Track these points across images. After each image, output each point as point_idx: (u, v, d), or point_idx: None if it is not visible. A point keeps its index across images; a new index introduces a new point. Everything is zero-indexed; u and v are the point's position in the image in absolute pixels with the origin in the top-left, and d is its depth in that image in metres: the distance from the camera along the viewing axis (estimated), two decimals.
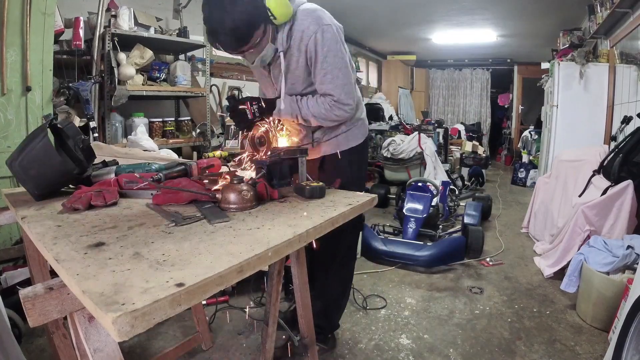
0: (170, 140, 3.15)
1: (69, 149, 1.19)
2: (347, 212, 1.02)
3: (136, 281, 0.57)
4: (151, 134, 3.02)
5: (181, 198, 1.02)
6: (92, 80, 2.54)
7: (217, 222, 0.87)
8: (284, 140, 1.47)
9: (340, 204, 1.06)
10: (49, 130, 1.08)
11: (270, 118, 1.41)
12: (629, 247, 1.92)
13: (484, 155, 6.02)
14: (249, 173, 1.30)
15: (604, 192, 2.35)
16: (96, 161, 1.26)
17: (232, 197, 0.99)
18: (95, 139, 2.55)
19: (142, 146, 2.59)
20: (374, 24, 5.78)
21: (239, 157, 1.44)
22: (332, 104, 1.36)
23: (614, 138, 3.26)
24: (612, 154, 2.55)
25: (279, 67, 1.36)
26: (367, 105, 6.91)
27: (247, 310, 2.01)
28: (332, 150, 1.53)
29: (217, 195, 1.02)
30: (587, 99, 3.58)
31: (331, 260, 1.64)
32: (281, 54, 1.33)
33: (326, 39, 1.29)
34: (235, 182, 1.02)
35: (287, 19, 1.27)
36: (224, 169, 1.32)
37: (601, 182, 2.51)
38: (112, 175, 1.19)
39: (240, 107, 1.35)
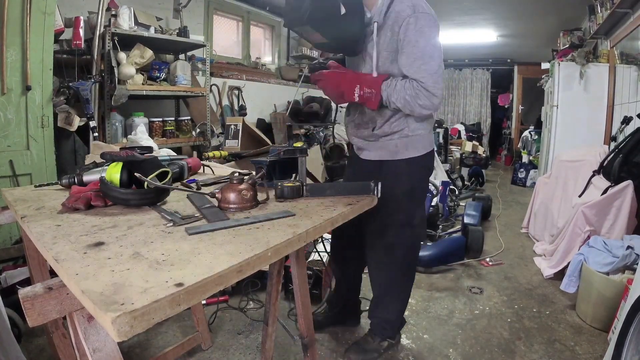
0: (170, 140, 3.15)
1: None
2: (347, 212, 1.02)
3: (135, 281, 0.57)
4: (151, 134, 3.02)
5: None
6: (92, 80, 2.54)
7: (214, 221, 0.87)
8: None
9: (340, 204, 1.06)
10: None
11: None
12: (628, 247, 1.92)
13: (483, 155, 6.02)
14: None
15: (604, 193, 2.35)
16: (88, 162, 1.26)
17: (231, 197, 0.98)
18: (95, 138, 2.55)
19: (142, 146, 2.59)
20: None
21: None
22: (419, 89, 1.31)
23: (614, 138, 3.26)
24: (612, 154, 2.55)
25: (372, 41, 1.36)
26: None
27: (247, 310, 2.01)
28: (390, 156, 1.50)
29: (216, 195, 1.02)
30: (587, 99, 3.58)
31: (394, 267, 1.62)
32: (375, 25, 1.33)
33: (420, 24, 1.29)
34: (235, 181, 1.01)
35: None
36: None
37: (601, 182, 2.51)
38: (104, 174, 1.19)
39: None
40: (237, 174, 1.05)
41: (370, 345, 1.66)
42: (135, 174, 0.97)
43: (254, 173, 1.19)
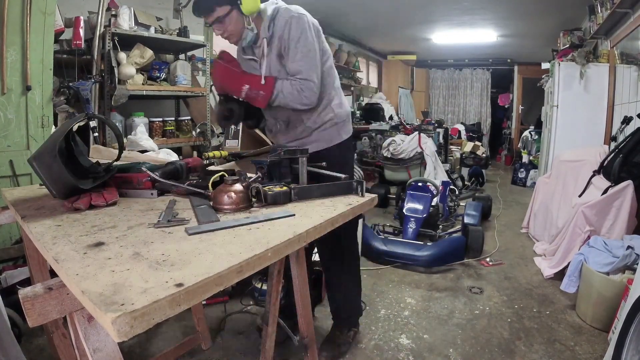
0: (170, 140, 3.15)
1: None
2: (347, 212, 1.02)
3: (136, 281, 0.57)
4: (151, 134, 3.02)
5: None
6: (92, 80, 2.54)
7: (204, 222, 0.87)
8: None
9: (340, 204, 1.06)
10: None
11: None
12: (628, 247, 1.92)
13: (483, 155, 6.02)
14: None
15: (604, 193, 2.35)
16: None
17: (225, 197, 0.98)
18: (95, 138, 2.55)
19: (142, 146, 2.59)
20: (374, 24, 5.78)
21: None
22: (301, 82, 1.44)
23: (614, 138, 3.26)
24: (612, 154, 2.55)
25: (263, 53, 1.49)
26: (367, 105, 6.94)
27: (247, 309, 2.01)
28: (326, 144, 1.60)
29: (209, 194, 1.02)
30: (587, 99, 3.58)
31: (335, 262, 1.73)
32: (264, 41, 1.46)
33: (299, 24, 1.42)
34: (229, 182, 1.01)
35: (254, 10, 1.42)
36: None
37: (601, 182, 2.51)
38: None
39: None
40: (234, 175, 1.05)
41: (340, 339, 1.75)
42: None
43: (247, 174, 1.18)
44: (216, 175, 1.10)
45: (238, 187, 1.01)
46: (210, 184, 1.07)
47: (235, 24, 1.47)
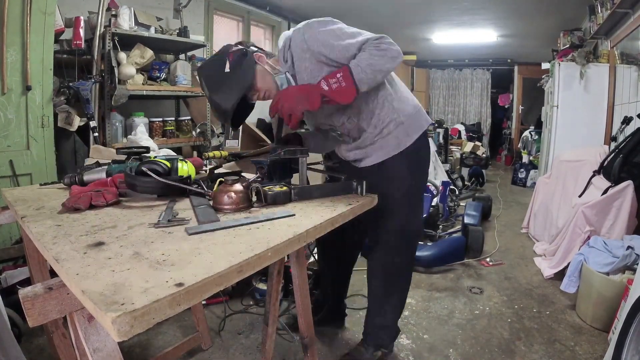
0: (170, 140, 3.15)
1: None
2: (347, 212, 1.02)
3: (136, 281, 0.57)
4: (151, 134, 3.02)
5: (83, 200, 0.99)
6: (93, 80, 2.54)
7: (204, 222, 0.87)
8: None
9: (340, 204, 1.06)
10: None
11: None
12: (628, 247, 1.92)
13: (483, 155, 6.01)
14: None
15: (604, 193, 2.35)
16: (90, 162, 1.27)
17: (225, 197, 0.98)
18: (95, 138, 2.55)
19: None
20: (374, 24, 5.77)
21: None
22: (374, 42, 1.21)
23: (614, 138, 3.26)
24: (612, 154, 2.55)
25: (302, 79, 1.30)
26: None
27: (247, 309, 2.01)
28: (383, 157, 1.40)
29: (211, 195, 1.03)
30: (587, 99, 3.58)
31: (388, 276, 1.56)
32: (287, 74, 1.30)
33: (315, 24, 1.26)
34: (229, 182, 1.01)
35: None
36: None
37: (601, 182, 2.51)
38: (103, 175, 1.19)
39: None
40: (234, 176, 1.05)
41: (364, 356, 1.59)
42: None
43: (246, 175, 1.18)
44: (219, 179, 1.10)
45: (238, 187, 1.01)
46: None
47: (264, 80, 1.29)
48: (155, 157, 1.24)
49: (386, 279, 1.55)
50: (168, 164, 1.11)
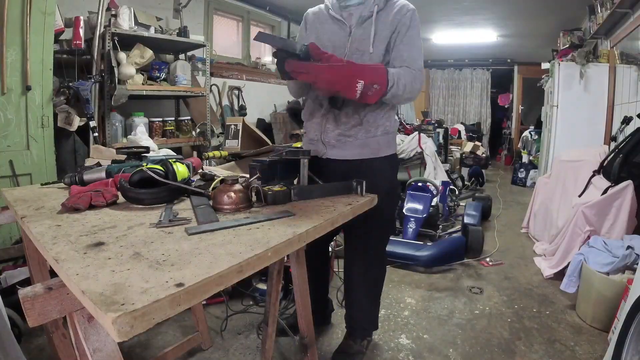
0: (170, 140, 3.15)
1: None
2: (347, 212, 1.02)
3: (136, 281, 0.57)
4: (151, 134, 3.02)
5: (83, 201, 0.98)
6: (92, 80, 2.54)
7: (204, 222, 0.87)
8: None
9: (340, 204, 1.06)
10: None
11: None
12: (628, 247, 1.92)
13: (483, 155, 6.02)
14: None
15: (604, 193, 2.35)
16: (91, 163, 1.26)
17: (225, 197, 0.98)
18: (95, 138, 2.55)
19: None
20: None
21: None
22: (415, 73, 1.31)
23: (614, 138, 3.26)
24: (612, 154, 2.55)
25: (368, 27, 1.35)
26: None
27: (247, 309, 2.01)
28: (372, 153, 1.45)
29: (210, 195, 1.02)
30: (587, 99, 3.58)
31: (359, 267, 1.61)
32: (375, 8, 1.34)
33: (416, 20, 1.36)
34: (229, 182, 1.01)
35: None
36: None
37: (601, 182, 2.51)
38: (103, 174, 1.19)
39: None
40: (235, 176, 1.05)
41: (353, 348, 1.65)
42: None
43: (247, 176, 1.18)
44: (217, 180, 1.09)
45: (238, 187, 1.01)
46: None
47: None
48: (147, 164, 1.19)
49: (366, 273, 1.61)
50: (162, 168, 1.10)
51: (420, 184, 3.42)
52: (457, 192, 4.24)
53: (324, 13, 1.45)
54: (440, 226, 3.29)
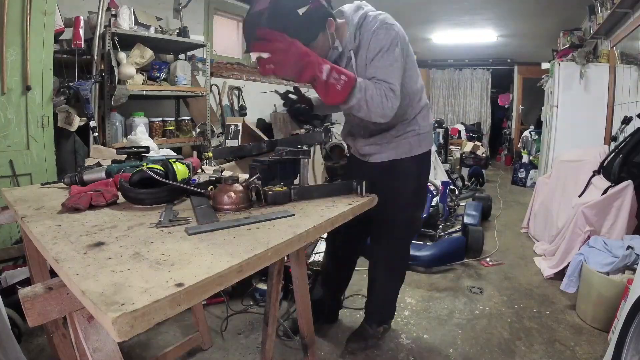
0: (170, 140, 3.15)
1: None
2: (347, 212, 1.02)
3: (136, 281, 0.57)
4: (151, 134, 3.02)
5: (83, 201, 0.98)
6: (92, 80, 2.54)
7: (204, 222, 0.87)
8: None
9: (340, 204, 1.06)
10: None
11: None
12: (628, 247, 1.91)
13: (483, 155, 6.02)
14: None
15: (604, 193, 2.35)
16: (91, 163, 1.26)
17: (225, 197, 0.98)
18: (95, 138, 2.55)
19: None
20: None
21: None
22: (388, 91, 1.23)
23: (614, 138, 3.26)
24: (612, 154, 2.55)
25: (352, 66, 1.33)
26: None
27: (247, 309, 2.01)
28: (404, 154, 1.54)
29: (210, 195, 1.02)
30: (587, 99, 3.58)
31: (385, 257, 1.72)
32: (351, 52, 1.32)
33: (390, 34, 1.28)
34: (229, 182, 1.01)
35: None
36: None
37: (601, 182, 2.51)
38: (103, 174, 1.19)
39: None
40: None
41: (369, 332, 1.75)
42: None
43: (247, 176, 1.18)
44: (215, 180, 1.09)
45: (238, 187, 1.01)
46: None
47: (321, 47, 1.25)
48: (147, 164, 1.19)
49: (389, 265, 1.71)
50: (162, 168, 1.10)
51: None
52: (457, 192, 4.24)
53: None
54: (440, 226, 3.29)
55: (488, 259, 2.80)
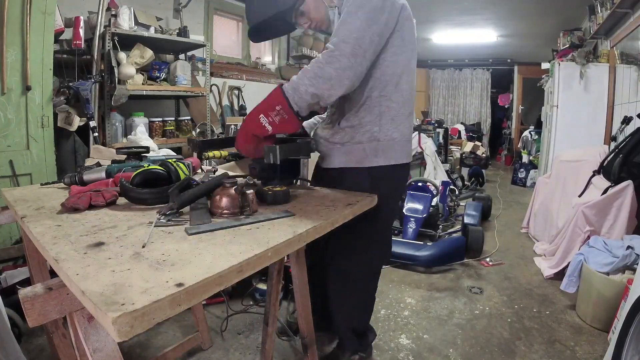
0: (170, 140, 3.15)
1: None
2: (347, 212, 1.02)
3: (136, 281, 0.57)
4: (151, 134, 3.02)
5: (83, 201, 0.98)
6: (92, 80, 2.54)
7: (197, 224, 0.86)
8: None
9: (340, 204, 1.06)
10: None
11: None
12: (628, 247, 1.91)
13: (483, 155, 6.02)
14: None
15: (604, 193, 2.35)
16: (91, 163, 1.26)
17: (223, 201, 0.97)
18: (95, 138, 2.55)
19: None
20: None
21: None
22: (326, 54, 1.08)
23: (614, 138, 3.26)
24: (612, 154, 2.55)
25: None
26: None
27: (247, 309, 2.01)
28: (355, 163, 1.27)
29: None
30: (587, 99, 3.58)
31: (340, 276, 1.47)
32: (336, 9, 1.25)
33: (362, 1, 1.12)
34: (227, 185, 1.00)
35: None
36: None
37: (601, 182, 2.51)
38: (103, 174, 1.19)
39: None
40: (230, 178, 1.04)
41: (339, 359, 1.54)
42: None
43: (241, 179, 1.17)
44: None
45: (234, 190, 0.99)
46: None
47: (316, 10, 1.23)
48: (148, 164, 1.19)
49: (342, 285, 1.46)
50: (162, 168, 1.10)
51: (420, 184, 3.42)
52: (457, 192, 4.24)
53: None
54: (440, 226, 3.30)
55: (488, 259, 2.80)
